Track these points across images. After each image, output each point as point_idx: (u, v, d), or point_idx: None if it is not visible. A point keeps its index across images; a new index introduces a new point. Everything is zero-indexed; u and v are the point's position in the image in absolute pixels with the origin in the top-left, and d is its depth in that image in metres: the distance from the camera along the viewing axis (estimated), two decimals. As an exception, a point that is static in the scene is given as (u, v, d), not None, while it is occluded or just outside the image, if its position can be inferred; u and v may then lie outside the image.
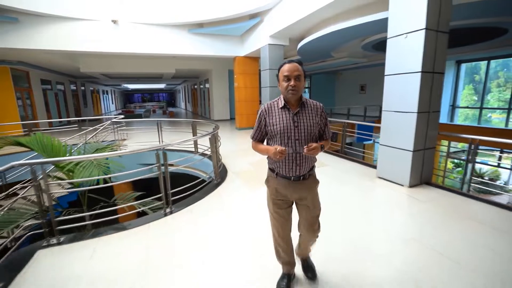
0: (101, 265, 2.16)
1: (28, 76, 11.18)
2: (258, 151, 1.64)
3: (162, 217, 2.99)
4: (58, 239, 2.49)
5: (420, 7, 3.32)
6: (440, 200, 3.35)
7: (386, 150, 4.03)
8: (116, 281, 1.96)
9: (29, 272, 2.07)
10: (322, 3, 5.20)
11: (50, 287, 1.92)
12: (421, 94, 3.51)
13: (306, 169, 1.60)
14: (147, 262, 2.20)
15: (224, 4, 7.74)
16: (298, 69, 1.50)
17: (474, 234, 2.51)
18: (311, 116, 1.57)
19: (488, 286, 1.82)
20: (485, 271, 1.98)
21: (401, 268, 2.04)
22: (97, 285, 1.91)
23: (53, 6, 7.21)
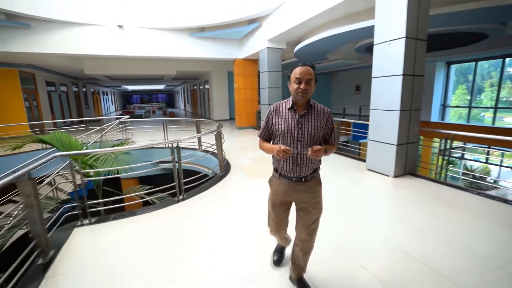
0: (127, 240, 2.59)
1: (34, 78, 11.56)
2: (263, 149, 1.68)
3: (176, 203, 3.42)
4: (90, 220, 2.91)
5: (401, 18, 3.79)
6: (419, 188, 3.81)
7: (374, 144, 4.49)
8: (142, 251, 2.39)
9: (72, 244, 2.49)
10: (316, 11, 5.67)
11: (87, 255, 2.34)
12: (403, 94, 3.97)
13: (307, 171, 1.61)
14: (165, 237, 2.63)
15: (224, 9, 8.19)
16: (310, 73, 1.52)
17: (445, 213, 2.98)
18: (317, 119, 1.58)
19: (448, 248, 2.28)
20: (448, 239, 2.44)
21: (387, 238, 2.50)
22: (124, 256, 2.33)
23: (63, 12, 7.62)
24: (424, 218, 2.87)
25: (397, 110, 4.02)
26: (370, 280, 1.92)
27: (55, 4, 7.45)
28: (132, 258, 2.29)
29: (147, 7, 8.50)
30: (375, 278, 1.93)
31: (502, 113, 10.65)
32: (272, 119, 1.65)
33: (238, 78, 10.59)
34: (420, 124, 4.35)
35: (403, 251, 2.25)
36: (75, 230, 2.74)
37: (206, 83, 16.13)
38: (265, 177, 1.67)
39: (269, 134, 1.70)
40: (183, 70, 13.71)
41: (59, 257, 2.27)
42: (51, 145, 4.45)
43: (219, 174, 4.58)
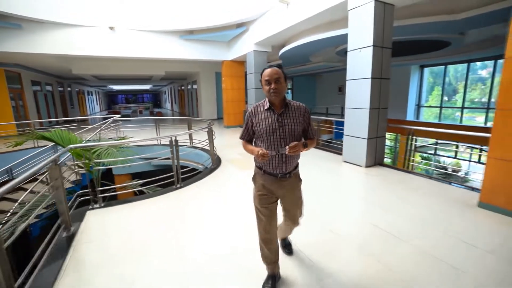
0: (134, 219, 3.02)
1: (20, 77, 11.51)
2: (246, 151, 1.77)
3: (174, 190, 3.87)
4: (100, 204, 3.31)
5: (368, 29, 4.40)
6: (387, 174, 4.44)
7: (349, 139, 5.10)
8: (147, 228, 2.83)
9: (88, 222, 2.89)
10: (298, 19, 6.24)
11: (104, 229, 2.76)
12: (372, 95, 4.59)
13: (292, 167, 1.71)
14: (168, 215, 3.09)
15: (213, 14, 8.63)
16: (278, 72, 1.60)
17: (404, 193, 3.60)
18: (295, 116, 1.67)
19: (405, 218, 2.87)
20: (413, 219, 3.04)
21: (357, 213, 3.08)
22: (134, 233, 2.75)
23: (54, 13, 7.81)
24: (388, 198, 3.48)
25: (367, 108, 4.64)
26: (339, 241, 2.47)
27: (47, 5, 7.62)
28: (142, 229, 2.74)
29: (138, 9, 8.80)
30: (343, 240, 2.48)
31: (474, 113, 11.65)
32: (252, 121, 1.71)
33: (226, 79, 11.04)
34: (397, 122, 5.00)
35: (371, 223, 2.82)
36: (88, 212, 3.13)
37: (194, 84, 16.45)
38: (253, 168, 1.78)
39: (250, 136, 1.77)
40: (171, 71, 13.99)
41: (80, 231, 2.67)
42: (52, 141, 4.77)
43: (211, 167, 5.04)
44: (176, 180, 3.96)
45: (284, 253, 2.18)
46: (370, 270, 2.04)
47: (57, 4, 7.77)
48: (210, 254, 2.27)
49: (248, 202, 3.20)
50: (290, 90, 19.63)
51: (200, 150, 6.03)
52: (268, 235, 1.76)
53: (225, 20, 8.61)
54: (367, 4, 4.38)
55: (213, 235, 2.61)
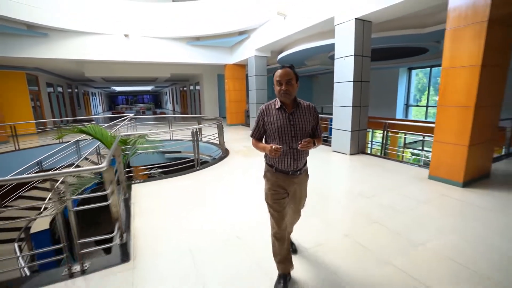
0: (166, 189, 4.00)
1: (38, 80, 12.41)
2: (257, 148, 1.79)
3: (194, 171, 4.85)
4: (140, 180, 4.29)
5: (351, 41, 5.41)
6: (367, 160, 5.44)
7: (336, 132, 6.10)
8: (177, 194, 3.81)
9: (135, 192, 3.87)
10: (294, 29, 7.24)
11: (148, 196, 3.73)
12: (354, 95, 5.60)
13: (302, 164, 1.77)
14: (192, 188, 4.08)
15: (218, 22, 9.61)
16: (289, 74, 1.64)
17: (379, 171, 4.61)
18: (305, 115, 1.72)
19: (377, 189, 3.88)
20: (379, 186, 4.05)
21: (342, 186, 4.08)
22: (168, 197, 3.72)
23: (76, 22, 8.75)
24: (365, 175, 4.49)
25: (350, 106, 5.64)
26: (328, 201, 3.46)
27: (70, 15, 8.56)
28: (173, 195, 3.73)
29: (151, 18, 9.76)
30: (332, 200, 3.48)
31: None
32: (264, 119, 1.76)
33: (229, 81, 12.03)
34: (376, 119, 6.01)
35: (358, 194, 3.82)
36: (133, 185, 4.11)
37: (197, 85, 17.40)
38: (257, 156, 2.06)
39: (261, 134, 1.81)
40: (176, 73, 14.94)
41: (133, 195, 3.65)
42: (89, 135, 5.72)
43: (221, 155, 6.02)
44: (196, 163, 4.94)
45: None
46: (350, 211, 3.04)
47: (79, 15, 8.71)
48: (219, 214, 3.27)
49: (253, 182, 4.21)
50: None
51: (209, 143, 7.02)
52: (280, 230, 1.78)
53: (229, 28, 9.60)
54: (349, 21, 5.39)
55: (225, 203, 3.60)
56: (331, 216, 3.06)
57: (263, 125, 1.77)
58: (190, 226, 2.84)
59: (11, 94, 10.44)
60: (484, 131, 3.74)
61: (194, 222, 2.93)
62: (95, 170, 2.75)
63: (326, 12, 5.97)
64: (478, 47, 3.34)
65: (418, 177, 4.21)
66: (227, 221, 2.91)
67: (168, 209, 3.27)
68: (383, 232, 2.58)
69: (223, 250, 2.34)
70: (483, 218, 2.83)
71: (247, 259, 2.20)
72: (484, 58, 3.33)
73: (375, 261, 2.15)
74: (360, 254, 2.25)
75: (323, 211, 3.15)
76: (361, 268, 2.06)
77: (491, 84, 3.55)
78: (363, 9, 5.11)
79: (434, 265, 2.06)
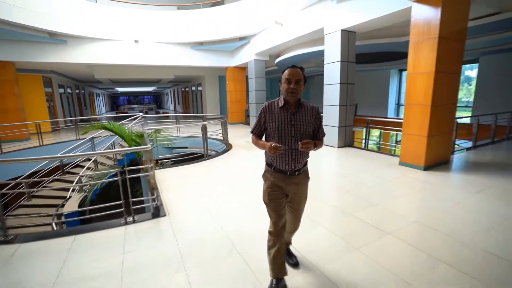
0: (183, 173, 4.86)
1: (51, 82, 13.25)
2: (257, 145, 1.78)
3: (204, 160, 5.71)
4: (159, 167, 5.15)
5: (337, 49, 6.28)
6: (352, 152, 6.31)
7: (327, 128, 6.97)
8: (191, 176, 4.67)
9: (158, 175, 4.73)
10: (290, 37, 8.11)
11: (169, 177, 4.59)
12: (341, 95, 6.46)
13: (300, 164, 1.75)
14: (203, 172, 4.94)
15: (220, 29, 10.48)
16: (299, 74, 1.65)
17: (360, 160, 5.48)
18: (307, 116, 1.72)
19: (360, 174, 4.75)
20: (356, 170, 4.92)
21: (330, 171, 4.95)
22: (186, 177, 4.59)
23: (92, 30, 9.59)
24: (347, 164, 5.37)
25: (337, 105, 6.52)
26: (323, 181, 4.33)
27: (86, 24, 9.41)
28: (189, 177, 4.59)
29: (158, 25, 10.61)
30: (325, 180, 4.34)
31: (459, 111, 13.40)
32: (265, 117, 1.75)
33: (230, 82, 12.89)
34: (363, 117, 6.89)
35: (338, 174, 4.69)
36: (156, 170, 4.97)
37: (199, 86, 18.26)
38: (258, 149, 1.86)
39: (261, 131, 1.81)
40: (180, 75, 15.80)
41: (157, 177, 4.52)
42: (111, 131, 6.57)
43: (225, 148, 6.89)
44: (206, 153, 5.81)
45: (288, 265, 2.02)
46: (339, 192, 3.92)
47: (94, 23, 9.55)
48: (228, 191, 4.13)
49: (254, 167, 5.08)
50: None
51: (214, 139, 7.87)
52: (276, 230, 1.75)
53: (230, 34, 10.46)
54: (336, 32, 6.27)
55: (232, 179, 4.46)
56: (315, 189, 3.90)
57: (264, 123, 1.77)
58: (206, 195, 3.72)
59: (31, 96, 11.28)
60: (441, 125, 4.61)
61: (209, 192, 3.81)
62: (141, 149, 3.60)
63: (317, 23, 6.85)
64: (432, 58, 4.22)
65: (390, 164, 5.08)
66: (235, 191, 3.79)
67: (187, 185, 4.15)
68: (351, 198, 3.46)
69: (233, 208, 3.21)
70: (429, 189, 3.71)
71: (249, 211, 3.08)
72: (437, 66, 4.21)
73: (341, 213, 3.03)
74: (331, 209, 3.14)
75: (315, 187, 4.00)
76: (331, 216, 2.94)
77: (444, 87, 4.42)
78: (347, 22, 5.98)
79: (384, 216, 2.93)
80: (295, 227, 1.99)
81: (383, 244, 2.37)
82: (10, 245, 2.49)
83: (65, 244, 2.48)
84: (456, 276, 1.93)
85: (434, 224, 2.71)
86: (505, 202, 3.23)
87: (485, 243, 2.33)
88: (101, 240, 2.59)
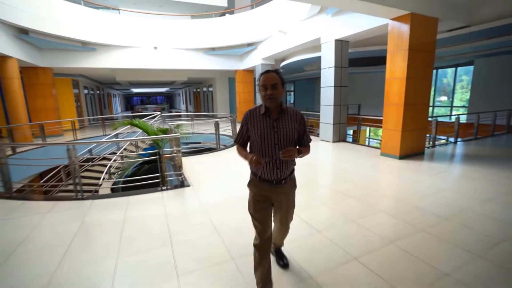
0: (200, 160, 5.93)
1: (78, 84, 14.67)
2: (240, 156, 1.74)
3: (216, 151, 6.78)
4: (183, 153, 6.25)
5: (332, 56, 7.22)
6: (344, 145, 7.25)
7: (322, 124, 7.92)
8: (207, 162, 5.74)
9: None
10: (292, 44, 9.10)
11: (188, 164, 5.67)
12: (335, 96, 7.40)
13: (286, 173, 1.70)
14: (216, 160, 6.01)
15: (230, 36, 11.56)
16: (275, 78, 1.58)
17: (349, 152, 6.43)
18: (290, 122, 1.66)
19: (350, 164, 5.72)
20: (344, 159, 5.89)
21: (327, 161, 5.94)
22: (201, 164, 5.65)
23: (117, 38, 10.85)
24: (337, 155, 6.32)
25: (332, 105, 7.46)
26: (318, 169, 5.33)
27: (113, 33, 10.68)
28: (205, 164, 5.66)
29: (175, 33, 11.80)
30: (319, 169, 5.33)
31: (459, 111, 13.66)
32: (247, 125, 1.71)
33: (239, 84, 13.96)
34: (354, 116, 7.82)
35: (328, 162, 5.67)
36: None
37: (210, 87, 19.43)
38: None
39: (244, 140, 1.77)
40: (193, 77, 16.99)
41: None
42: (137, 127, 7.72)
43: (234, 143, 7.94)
44: (218, 145, 6.88)
45: (278, 265, 2.10)
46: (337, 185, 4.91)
47: (119, 32, 10.82)
48: (236, 172, 5.18)
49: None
50: (292, 92, 22.48)
51: (224, 135, 8.94)
52: (262, 241, 1.73)
53: (239, 41, 11.53)
54: (330, 42, 7.22)
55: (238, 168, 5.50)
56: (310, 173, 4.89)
57: (247, 131, 1.73)
58: (218, 174, 4.79)
59: (63, 97, 12.68)
60: (414, 121, 5.50)
61: (221, 173, 4.87)
62: (172, 137, 4.66)
63: (315, 33, 7.82)
64: (404, 66, 5.14)
65: (373, 155, 6.01)
66: (242, 173, 4.82)
67: (203, 168, 5.22)
68: (336, 179, 4.45)
69: (240, 182, 4.24)
70: (395, 172, 4.66)
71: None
72: (408, 73, 5.12)
73: (327, 188, 4.04)
74: (314, 185, 4.14)
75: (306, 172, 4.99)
76: (314, 188, 3.94)
77: (415, 90, 5.32)
78: (340, 33, 6.93)
79: (352, 187, 3.91)
80: (284, 234, 2.01)
81: (346, 203, 3.36)
82: (85, 201, 3.62)
83: (123, 201, 3.58)
84: (389, 220, 2.91)
85: (387, 193, 3.68)
86: (444, 180, 4.19)
87: (419, 203, 3.29)
88: (147, 198, 3.68)
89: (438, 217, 2.90)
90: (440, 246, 2.35)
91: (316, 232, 2.64)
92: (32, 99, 10.05)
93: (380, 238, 2.50)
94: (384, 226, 2.77)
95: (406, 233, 2.58)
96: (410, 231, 2.62)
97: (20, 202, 3.64)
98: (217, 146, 6.88)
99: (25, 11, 8.15)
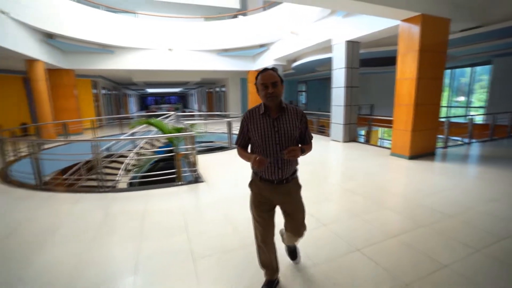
0: (212, 158, 6.17)
1: (97, 85, 15.33)
2: (242, 158, 1.73)
3: (228, 150, 7.01)
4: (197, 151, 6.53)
5: (342, 56, 7.29)
6: (355, 145, 7.30)
7: (333, 125, 8.00)
8: (219, 160, 5.96)
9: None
10: (304, 45, 9.21)
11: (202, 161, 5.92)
12: (346, 97, 7.47)
13: (288, 173, 1.68)
14: (228, 157, 6.24)
15: (243, 37, 11.79)
16: (274, 76, 1.56)
17: (359, 152, 6.50)
18: (291, 120, 1.64)
19: (356, 162, 5.82)
20: (353, 158, 5.99)
21: (337, 159, 6.06)
22: (213, 161, 5.88)
23: (133, 41, 11.30)
24: (352, 155, 6.41)
25: (343, 105, 7.53)
26: (329, 168, 5.46)
27: (130, 36, 11.14)
28: (219, 160, 5.89)
29: (189, 35, 12.15)
30: (330, 167, 5.47)
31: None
32: (247, 126, 1.68)
33: (251, 85, 14.17)
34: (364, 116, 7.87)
35: (338, 161, 5.78)
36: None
37: (223, 87, 19.76)
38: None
39: (245, 141, 1.74)
40: (206, 77, 17.37)
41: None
42: (152, 125, 8.07)
43: (246, 142, 8.16)
44: (229, 144, 7.11)
45: (290, 259, 2.16)
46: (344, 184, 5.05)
47: (136, 35, 11.27)
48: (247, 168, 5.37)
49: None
50: (304, 92, 22.48)
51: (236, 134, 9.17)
52: (263, 244, 1.74)
53: (252, 42, 11.75)
54: (341, 43, 7.30)
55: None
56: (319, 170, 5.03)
57: (247, 132, 1.70)
58: (230, 171, 5.00)
59: (83, 97, 13.32)
60: (424, 122, 5.52)
61: (232, 169, 5.08)
62: (187, 135, 4.92)
63: (326, 35, 7.91)
64: (414, 66, 5.17)
65: (383, 154, 6.05)
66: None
67: (216, 165, 5.46)
68: (344, 177, 4.57)
69: (250, 180, 4.45)
70: (402, 171, 4.72)
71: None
72: (418, 73, 5.16)
73: (335, 185, 4.17)
74: (323, 182, 4.28)
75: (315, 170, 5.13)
76: (322, 185, 4.09)
77: (425, 90, 5.34)
78: (351, 34, 7.00)
79: (358, 185, 4.02)
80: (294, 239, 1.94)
81: (352, 200, 3.49)
82: (108, 193, 3.92)
83: (143, 194, 3.86)
84: (393, 216, 3.02)
85: (393, 191, 3.77)
86: (452, 179, 4.21)
87: (424, 201, 3.37)
88: (164, 193, 3.94)
89: (442, 214, 2.99)
90: (442, 241, 2.46)
91: (321, 225, 2.80)
92: (56, 99, 10.64)
93: (383, 232, 2.63)
94: (388, 221, 2.89)
95: (409, 228, 2.69)
96: (412, 227, 2.73)
97: (50, 193, 3.99)
98: (229, 145, 7.11)
99: (51, 17, 8.69)
